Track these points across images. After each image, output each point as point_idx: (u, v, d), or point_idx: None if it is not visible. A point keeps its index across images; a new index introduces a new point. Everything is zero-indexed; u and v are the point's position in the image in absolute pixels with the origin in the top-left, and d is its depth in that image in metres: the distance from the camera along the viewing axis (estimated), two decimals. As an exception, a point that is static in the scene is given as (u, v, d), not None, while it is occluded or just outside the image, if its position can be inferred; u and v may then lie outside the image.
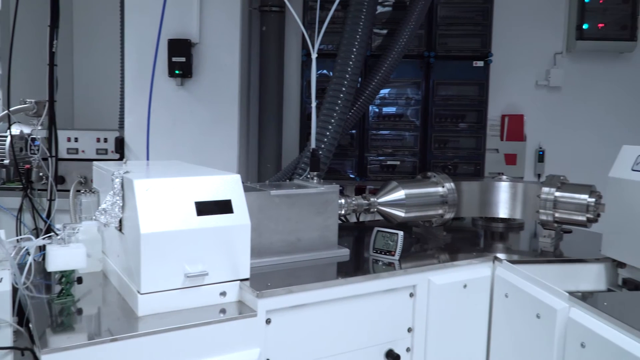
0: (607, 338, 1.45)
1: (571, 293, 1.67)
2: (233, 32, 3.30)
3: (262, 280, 1.70)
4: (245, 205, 1.68)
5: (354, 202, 2.26)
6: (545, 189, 2.28)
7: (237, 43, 3.31)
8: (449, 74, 3.47)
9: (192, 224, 1.58)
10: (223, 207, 1.64)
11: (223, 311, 1.58)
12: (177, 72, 3.21)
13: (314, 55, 2.23)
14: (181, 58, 3.19)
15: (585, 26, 3.68)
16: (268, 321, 1.64)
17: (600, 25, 3.68)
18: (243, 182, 1.74)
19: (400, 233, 2.04)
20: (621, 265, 2.02)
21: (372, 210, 2.32)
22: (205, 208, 1.61)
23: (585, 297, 1.65)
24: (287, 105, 3.75)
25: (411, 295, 1.95)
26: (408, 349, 1.96)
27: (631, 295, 1.89)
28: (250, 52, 3.71)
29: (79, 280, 1.67)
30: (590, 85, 3.86)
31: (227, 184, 1.68)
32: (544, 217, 2.28)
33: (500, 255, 2.09)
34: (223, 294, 1.64)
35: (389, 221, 2.36)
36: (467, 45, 3.46)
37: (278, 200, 1.92)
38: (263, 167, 3.63)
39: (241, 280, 1.66)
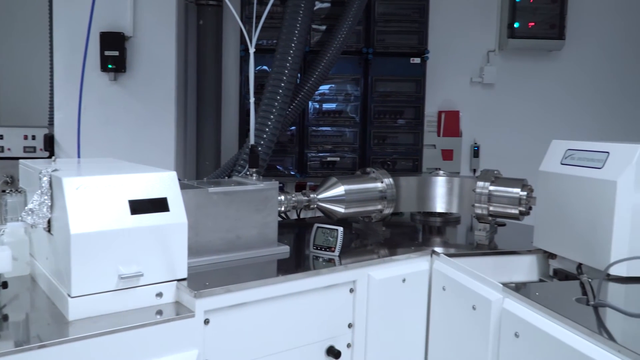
0: (539, 327, 1.49)
1: (505, 284, 1.71)
2: (168, 26, 3.22)
3: (200, 279, 1.66)
4: (182, 203, 1.64)
5: (293, 198, 2.25)
6: (480, 183, 2.33)
7: (172, 37, 3.23)
8: (387, 71, 3.50)
9: (126, 223, 1.52)
10: (158, 205, 1.59)
11: (159, 313, 1.54)
12: (110, 66, 3.10)
13: (252, 50, 2.20)
14: (114, 52, 3.09)
15: (516, 25, 3.80)
16: (206, 321, 1.61)
17: (530, 24, 3.81)
18: (180, 180, 1.70)
19: (340, 229, 2.04)
20: (552, 256, 2.10)
21: (312, 206, 2.32)
22: (139, 206, 1.56)
23: (518, 288, 1.70)
24: (225, 101, 3.69)
25: (351, 290, 1.96)
26: (349, 345, 1.97)
27: (561, 285, 1.96)
28: (187, 47, 3.63)
29: (4, 285, 1.58)
30: (522, 82, 3.99)
31: (163, 182, 1.63)
32: (479, 211, 2.34)
33: (438, 249, 2.13)
34: (159, 295, 1.59)
35: (329, 217, 2.36)
36: (404, 42, 3.50)
37: (216, 197, 1.88)
38: (201, 164, 3.57)
39: (178, 280, 1.62)
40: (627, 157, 1.77)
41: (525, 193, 2.25)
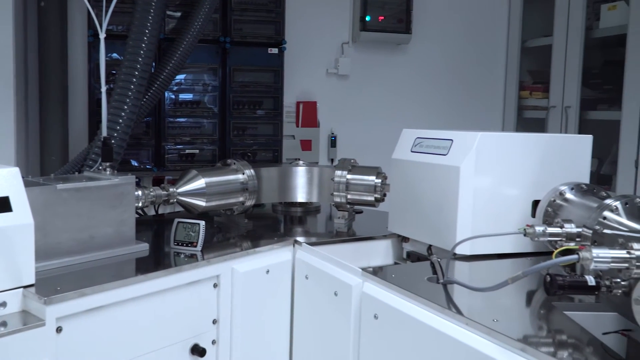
0: (396, 307, 1.58)
1: (364, 269, 1.79)
2: (4, 6, 2.93)
3: (51, 284, 1.54)
4: (27, 202, 1.51)
5: (152, 193, 2.17)
6: (338, 172, 2.41)
7: (9, 18, 2.93)
8: (245, 61, 3.47)
9: (-40, 228, 1.37)
10: (-1, 205, 1.46)
11: (3, 324, 1.41)
12: None
13: (102, 36, 2.07)
14: (-62, 35, 2.75)
15: (367, 18, 3.96)
16: (59, 329, 1.50)
17: (380, 17, 3.99)
18: (23, 177, 1.56)
19: (202, 223, 2.01)
20: (405, 239, 2.23)
21: (171, 201, 2.25)
22: (-24, 209, 1.41)
23: (376, 272, 1.79)
24: (73, 90, 3.44)
25: (215, 285, 1.93)
26: (214, 342, 1.94)
27: (414, 266, 2.09)
28: (27, 30, 3.32)
29: None
30: (375, 73, 4.16)
31: (3, 179, 1.49)
32: (337, 199, 2.42)
33: (300, 239, 2.17)
34: (3, 304, 1.45)
35: (190, 212, 2.31)
36: (261, 32, 3.49)
37: (66, 194, 1.76)
38: (46, 159, 3.30)
39: (25, 287, 1.49)
40: (469, 144, 1.92)
41: (379, 180, 2.37)
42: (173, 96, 3.37)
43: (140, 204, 2.13)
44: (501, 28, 4.44)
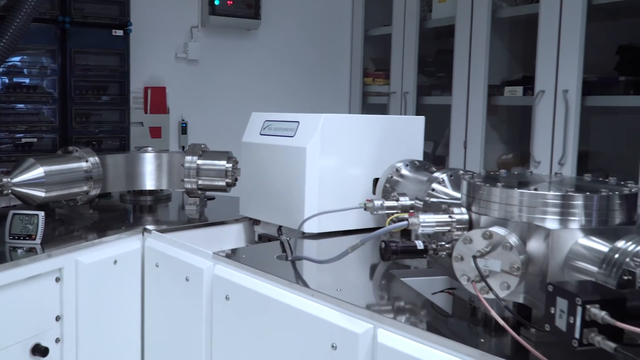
0: (246, 286, 1.62)
1: (216, 253, 1.80)
2: None
3: None
4: None
5: (-19, 185, 1.99)
6: (188, 158, 2.39)
7: None
8: (87, 43, 3.28)
9: None
10: None
11: None
12: None
13: None
14: None
15: (216, 2, 3.92)
16: None
17: (229, 2, 3.97)
18: None
19: (41, 214, 1.89)
20: (256, 222, 2.27)
21: (5, 192, 2.08)
22: None
23: (228, 255, 1.81)
24: None
25: (57, 279, 1.83)
26: (57, 340, 1.84)
27: (264, 246, 2.14)
28: None
29: None
30: (225, 58, 4.15)
31: None
32: (188, 186, 2.40)
33: (150, 227, 2.12)
34: None
35: (28, 204, 2.15)
36: (105, 12, 3.32)
37: None
38: None
39: None
40: (314, 126, 2.00)
41: (230, 165, 2.38)
42: (6, 80, 3.11)
43: (-33, 198, 1.95)
44: (345, 16, 4.63)
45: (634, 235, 1.10)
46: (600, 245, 1.12)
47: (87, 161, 2.29)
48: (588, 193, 1.19)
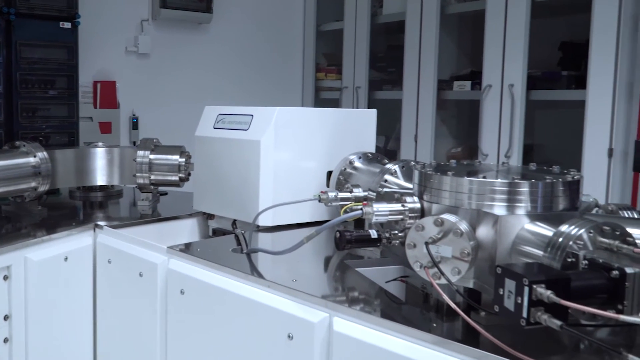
0: (202, 280, 1.61)
1: (170, 247, 1.79)
2: None
3: None
4: None
5: None
6: (140, 152, 2.35)
7: None
8: (33, 35, 3.18)
9: None
10: None
11: None
12: None
13: None
14: None
15: (168, -5, 3.88)
16: None
17: (181, -5, 3.93)
18: None
19: (-14, 211, 1.83)
20: (210, 217, 2.26)
21: (-54, 190, 2.01)
22: None
23: (182, 249, 1.79)
24: None
25: (5, 278, 1.78)
26: (6, 340, 1.79)
27: (219, 239, 2.12)
28: None
29: None
30: (177, 52, 4.10)
31: None
32: (141, 181, 2.36)
33: (101, 223, 2.08)
34: None
35: (-29, 201, 2.09)
36: (52, 4, 3.22)
37: None
38: None
39: None
40: (268, 119, 2.00)
41: (183, 160, 2.35)
42: (-55, 74, 2.98)
43: None
44: (298, 11, 4.64)
45: (577, 219, 1.15)
46: (545, 230, 1.17)
47: (35, 156, 2.23)
48: (533, 180, 1.24)
